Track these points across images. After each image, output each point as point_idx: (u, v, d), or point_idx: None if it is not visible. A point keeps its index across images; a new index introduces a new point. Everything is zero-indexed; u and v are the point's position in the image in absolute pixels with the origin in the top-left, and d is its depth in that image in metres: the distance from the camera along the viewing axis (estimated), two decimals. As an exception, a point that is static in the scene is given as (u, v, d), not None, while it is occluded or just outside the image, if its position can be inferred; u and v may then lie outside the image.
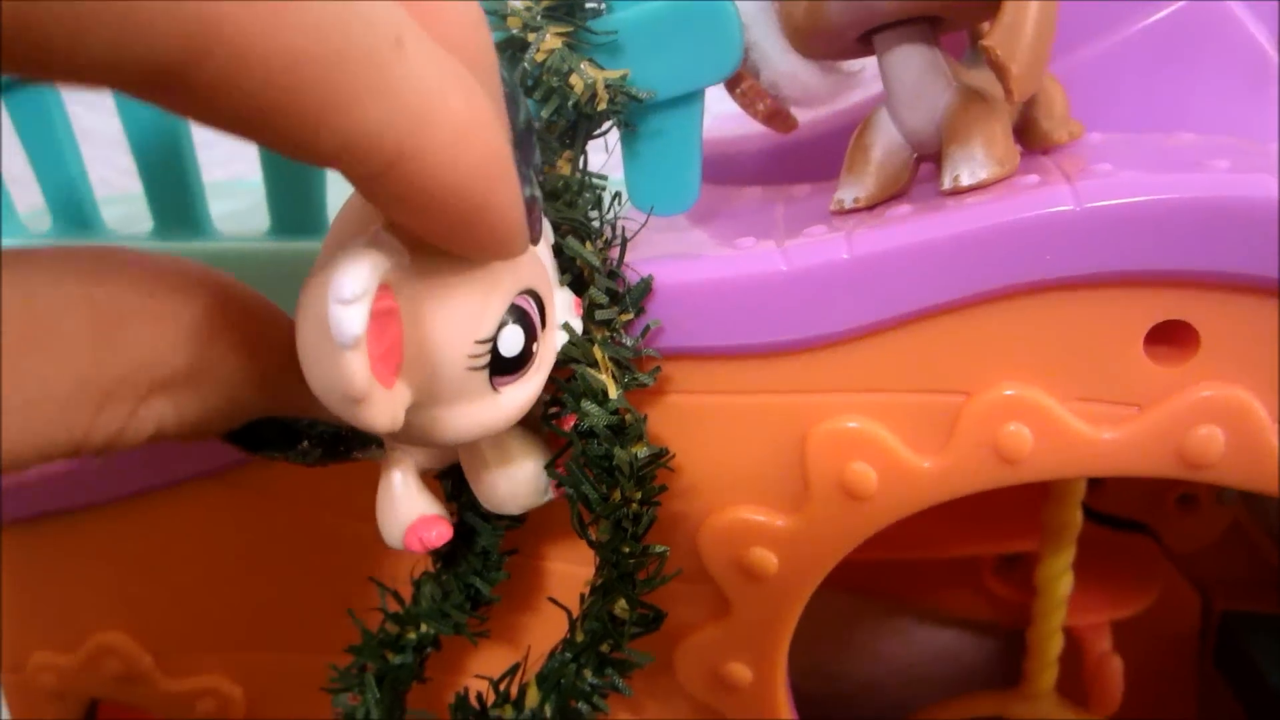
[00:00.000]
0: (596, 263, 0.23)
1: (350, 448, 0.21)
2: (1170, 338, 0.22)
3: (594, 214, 0.23)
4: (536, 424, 0.23)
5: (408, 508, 0.21)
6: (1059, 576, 0.33)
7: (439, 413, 0.19)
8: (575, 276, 0.23)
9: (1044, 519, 0.32)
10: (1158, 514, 0.38)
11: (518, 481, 0.23)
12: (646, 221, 0.24)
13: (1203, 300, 0.21)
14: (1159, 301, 0.21)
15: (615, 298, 0.23)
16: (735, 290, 0.23)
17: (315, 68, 0.13)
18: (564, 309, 0.22)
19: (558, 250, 0.23)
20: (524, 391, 0.20)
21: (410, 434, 0.19)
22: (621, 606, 0.24)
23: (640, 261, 0.23)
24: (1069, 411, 0.22)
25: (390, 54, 0.14)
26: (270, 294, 0.19)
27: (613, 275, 0.23)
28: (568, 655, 0.25)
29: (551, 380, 0.22)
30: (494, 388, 0.19)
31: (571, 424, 0.22)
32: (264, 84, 0.13)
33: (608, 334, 0.23)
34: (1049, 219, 0.21)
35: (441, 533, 0.21)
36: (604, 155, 0.25)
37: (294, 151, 0.14)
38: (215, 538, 0.30)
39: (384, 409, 0.16)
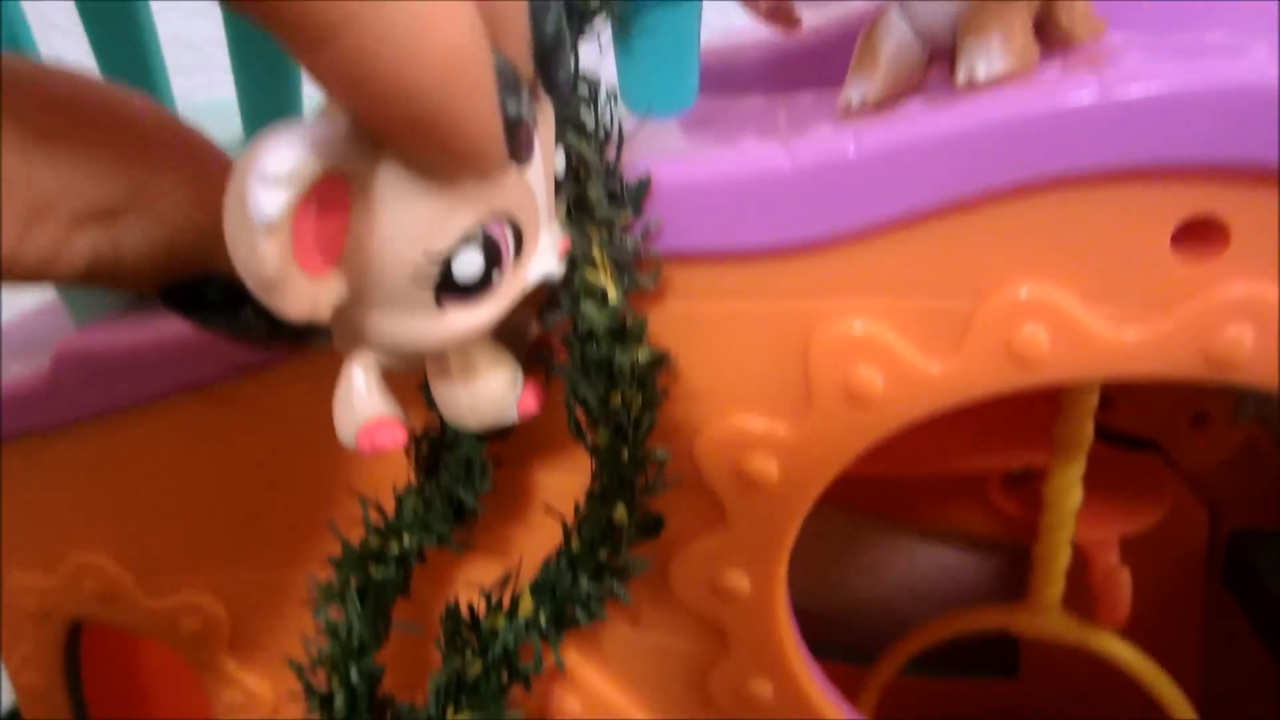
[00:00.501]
0: (594, 160, 0.21)
1: (299, 331, 0.19)
2: (1198, 234, 0.20)
3: (590, 110, 0.22)
4: (512, 338, 0.22)
5: (364, 407, 0.20)
6: (1068, 490, 0.32)
7: (375, 316, 0.18)
8: (572, 175, 0.21)
9: (1055, 432, 0.31)
10: (1169, 433, 0.38)
11: (481, 397, 0.22)
12: (646, 119, 0.22)
13: (1234, 193, 0.20)
14: (1188, 195, 0.20)
15: (614, 197, 0.22)
16: (737, 189, 0.21)
17: None
18: (547, 247, 0.20)
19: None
20: (475, 317, 0.18)
21: (345, 331, 0.18)
22: (620, 513, 0.23)
23: (637, 162, 0.22)
24: (1089, 312, 0.21)
25: None
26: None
27: (611, 174, 0.22)
28: (564, 563, 0.24)
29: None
30: (440, 306, 0.18)
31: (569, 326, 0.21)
32: None
33: (606, 234, 0.22)
34: (1072, 108, 0.19)
35: (395, 436, 0.20)
36: (597, 54, 0.24)
37: None
38: (194, 454, 0.29)
39: (302, 298, 0.15)
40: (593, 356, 0.21)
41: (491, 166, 0.16)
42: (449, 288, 0.17)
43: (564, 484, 0.26)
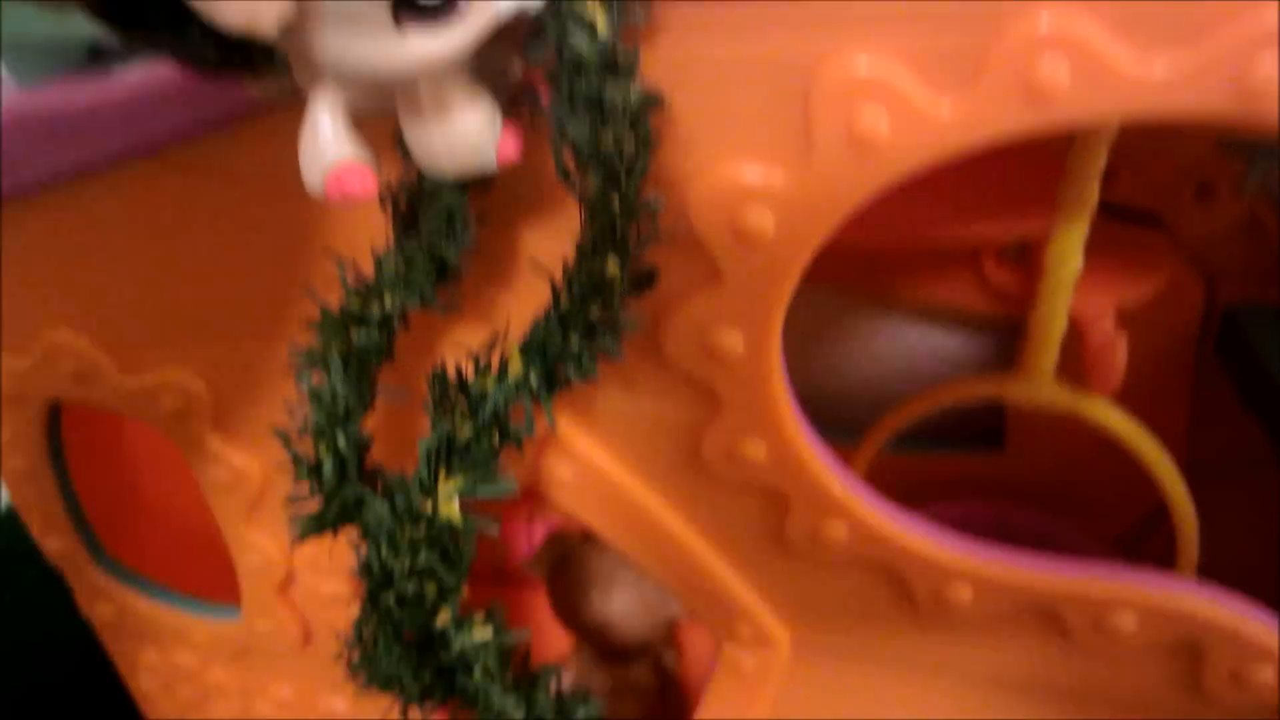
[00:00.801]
0: None
1: (251, 55, 0.18)
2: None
3: None
4: (492, 78, 0.20)
5: (331, 150, 0.19)
6: (1069, 254, 0.31)
7: (328, 36, 0.16)
8: None
9: (1059, 193, 0.30)
10: (1172, 205, 0.36)
11: (456, 138, 0.20)
12: None
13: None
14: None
15: None
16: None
17: None
18: None
19: None
20: (437, 45, 0.17)
21: (299, 59, 0.16)
22: (612, 266, 0.22)
23: None
24: (1114, 42, 0.19)
25: None
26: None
27: None
28: (553, 321, 0.23)
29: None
30: (399, 26, 0.16)
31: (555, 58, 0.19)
32: None
33: None
34: None
35: (365, 182, 0.19)
36: None
37: None
38: (159, 224, 0.27)
39: (234, 4, 0.14)
40: (581, 91, 0.19)
41: None
42: (407, 3, 0.16)
43: (551, 243, 0.25)
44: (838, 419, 0.46)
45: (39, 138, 0.26)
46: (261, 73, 0.18)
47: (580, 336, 0.23)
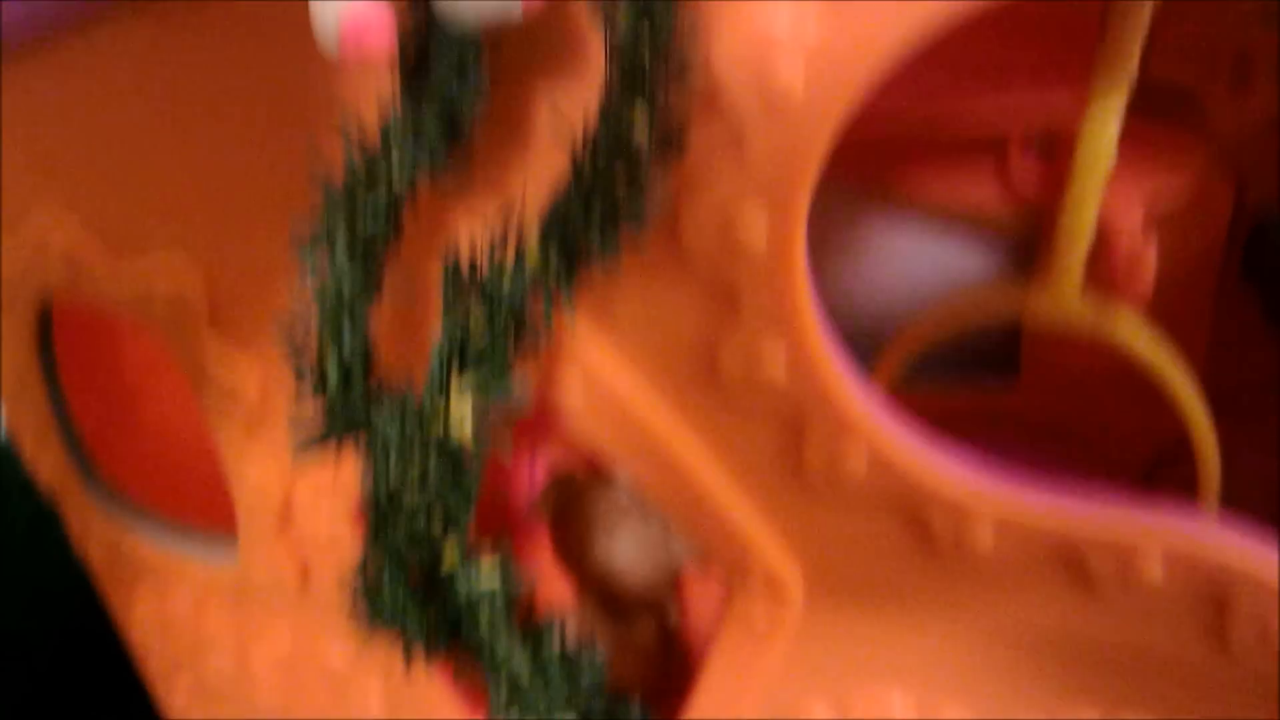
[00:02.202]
0: None
1: None
2: None
3: None
4: None
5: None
6: (1103, 136, 0.29)
7: None
8: None
9: (1097, 58, 0.28)
10: (1207, 79, 0.35)
11: None
12: None
13: None
14: None
15: None
16: None
17: None
18: None
19: None
20: None
21: None
22: (640, 119, 0.20)
23: None
24: None
25: None
26: None
27: None
28: (574, 191, 0.22)
29: None
30: None
31: None
32: None
33: None
34: None
35: (385, 33, 0.18)
36: None
37: None
38: (151, 90, 0.26)
39: None
40: None
41: None
42: None
43: (570, 103, 0.23)
44: (850, 340, 0.45)
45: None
46: None
47: (603, 204, 0.22)
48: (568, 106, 0.23)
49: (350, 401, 0.24)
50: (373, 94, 0.23)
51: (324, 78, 0.20)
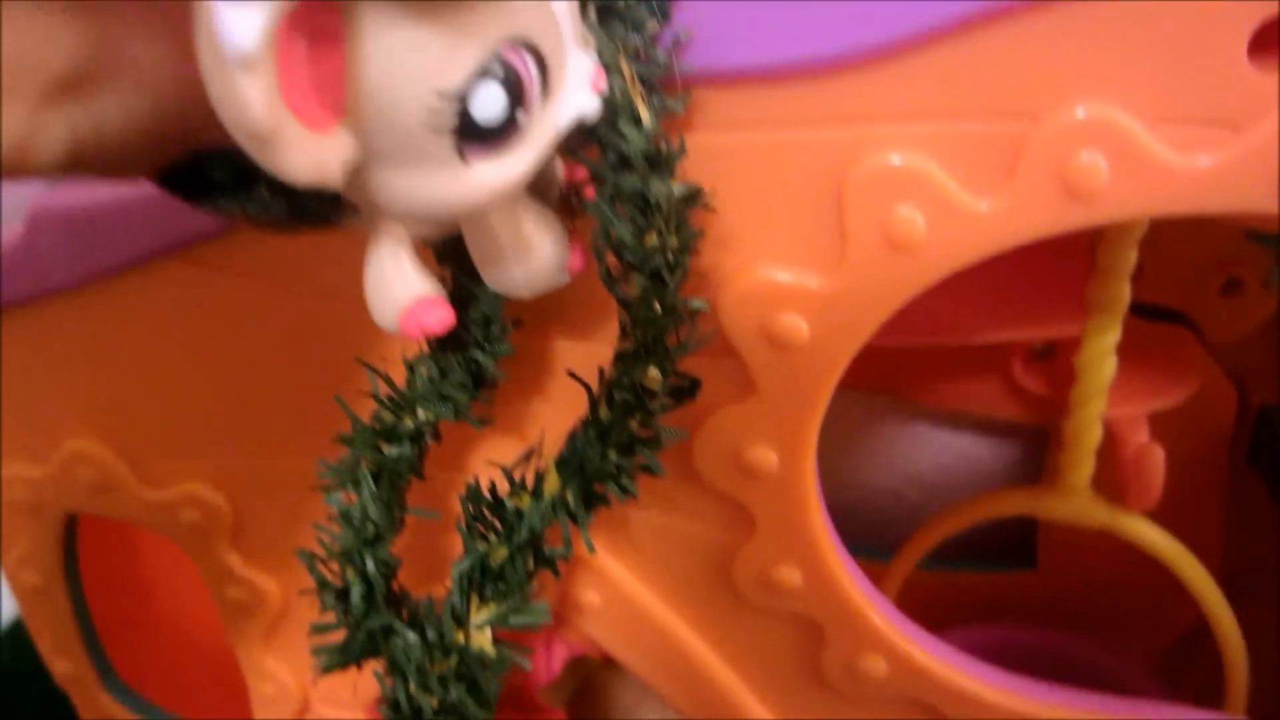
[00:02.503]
0: None
1: (322, 206, 0.17)
2: (1278, 39, 0.18)
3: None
4: (542, 186, 0.20)
5: (402, 287, 0.18)
6: (1102, 359, 0.30)
7: (392, 176, 0.15)
8: None
9: (1089, 293, 0.29)
10: (1200, 302, 0.36)
11: (534, 265, 0.20)
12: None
13: (1321, -8, 0.18)
14: (1269, -7, 0.18)
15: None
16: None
17: None
18: (579, 81, 0.18)
19: None
20: (504, 170, 0.16)
21: (363, 199, 0.16)
22: (653, 375, 0.21)
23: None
24: (1153, 136, 0.19)
25: None
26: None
27: None
28: (591, 434, 0.22)
29: None
30: (463, 158, 0.16)
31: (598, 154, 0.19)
32: None
33: (637, 44, 0.19)
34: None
35: (442, 317, 0.19)
36: None
37: None
38: (185, 326, 0.27)
39: (304, 155, 0.13)
40: (627, 187, 0.19)
41: None
42: (470, 134, 0.15)
43: (587, 350, 0.24)
44: (865, 528, 0.45)
45: (70, 237, 0.26)
46: (332, 221, 0.18)
47: (620, 452, 0.22)
48: (584, 354, 0.24)
49: (371, 620, 0.24)
50: (399, 342, 0.24)
51: (353, 319, 0.21)
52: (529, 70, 0.16)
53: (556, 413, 0.25)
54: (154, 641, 0.39)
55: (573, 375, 0.23)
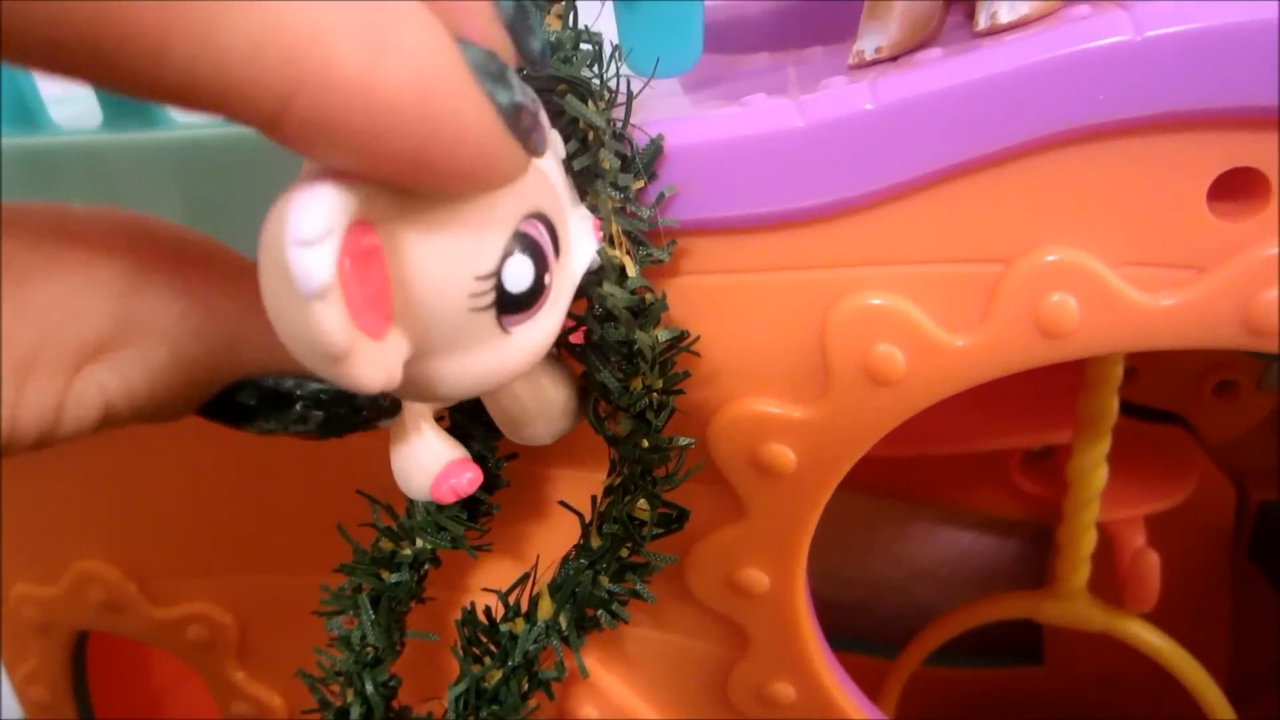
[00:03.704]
0: (601, 123, 0.20)
1: (359, 409, 0.18)
2: (1237, 189, 0.19)
3: (592, 71, 0.21)
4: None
5: (431, 457, 0.19)
6: (1093, 469, 0.31)
7: (444, 363, 0.16)
8: (580, 143, 0.20)
9: (1079, 407, 0.30)
10: (1194, 403, 0.37)
11: (555, 416, 0.21)
12: (650, 79, 0.21)
13: (1277, 143, 0.19)
14: (1227, 146, 0.19)
15: (625, 162, 0.20)
16: (746, 150, 0.20)
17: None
18: (581, 233, 0.19)
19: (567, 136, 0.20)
20: (540, 330, 0.17)
21: (416, 389, 0.16)
22: (641, 506, 0.22)
23: (642, 124, 0.21)
24: (1120, 277, 0.20)
25: None
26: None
27: (619, 137, 0.20)
28: (583, 561, 0.23)
29: None
30: (504, 329, 0.16)
31: (585, 307, 0.20)
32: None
33: (621, 203, 0.20)
34: (1103, 51, 0.18)
35: (473, 478, 0.19)
36: (596, 8, 0.22)
37: (142, 94, 0.12)
38: (194, 453, 0.28)
39: (373, 365, 0.14)
40: (613, 338, 0.20)
41: (509, 169, 0.15)
42: (508, 306, 0.16)
43: (578, 479, 0.25)
44: (870, 626, 0.45)
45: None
46: (367, 423, 0.18)
47: (611, 579, 0.23)
48: (579, 482, 0.25)
49: None
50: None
51: (359, 442, 0.21)
52: (543, 236, 0.17)
53: (554, 537, 0.25)
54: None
55: (564, 504, 0.23)
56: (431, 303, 0.15)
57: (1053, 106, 0.19)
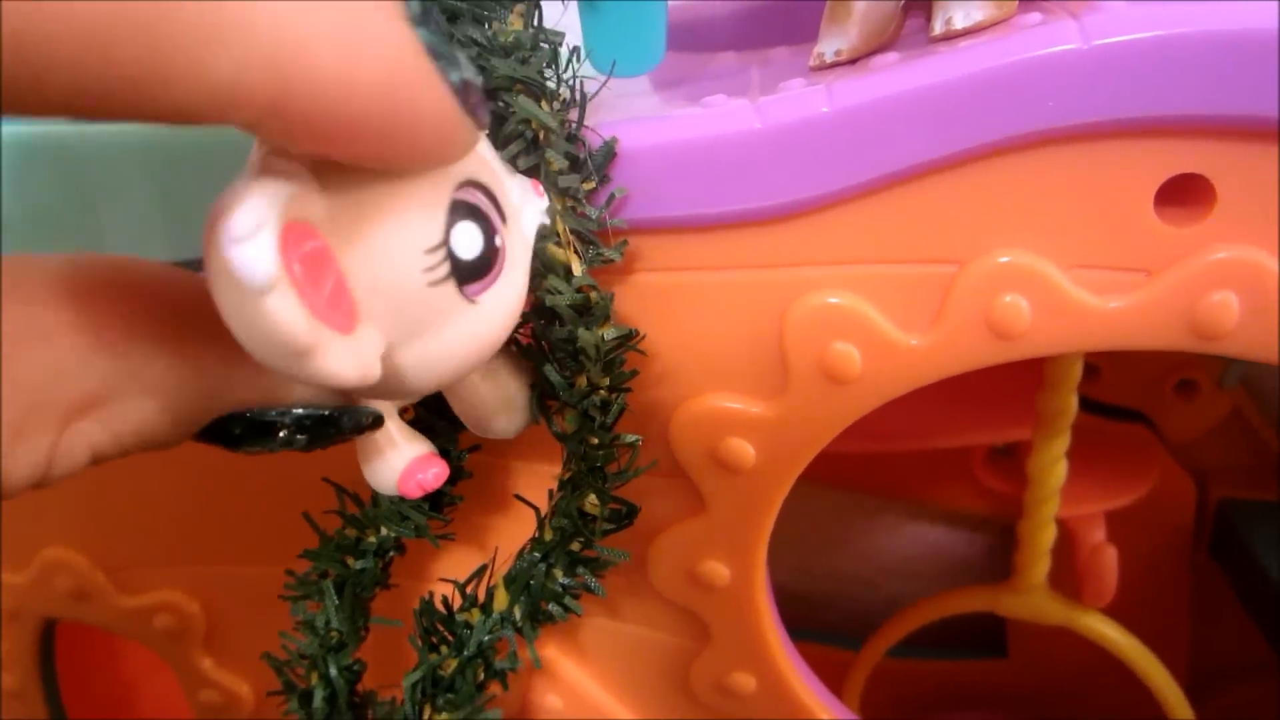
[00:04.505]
0: (554, 124, 0.20)
1: (341, 428, 0.18)
2: (1183, 195, 0.20)
3: (549, 72, 0.21)
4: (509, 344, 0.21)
5: (395, 455, 0.19)
6: (1052, 465, 0.31)
7: (421, 347, 0.16)
8: (528, 142, 0.21)
9: (1038, 405, 0.30)
10: (1155, 402, 0.37)
11: (517, 409, 0.21)
12: (607, 80, 0.21)
13: (1222, 151, 0.19)
14: (1173, 153, 0.19)
15: (576, 164, 0.21)
16: (704, 152, 0.20)
17: (128, 30, 0.11)
18: (521, 191, 0.19)
19: (502, 120, 0.20)
20: (506, 292, 0.17)
21: (399, 382, 0.17)
22: (591, 502, 0.22)
23: (601, 125, 0.21)
24: (1070, 280, 0.20)
25: None
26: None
27: (572, 139, 0.21)
28: (536, 555, 0.23)
29: None
30: (469, 298, 0.17)
31: (531, 304, 0.20)
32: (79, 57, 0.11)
33: (570, 204, 0.21)
34: (1052, 60, 0.18)
35: (439, 473, 0.20)
36: (559, 9, 0.23)
37: (141, 117, 0.12)
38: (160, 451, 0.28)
39: (345, 357, 0.14)
40: (556, 336, 0.20)
41: (464, 144, 0.15)
42: (466, 274, 0.16)
43: (541, 472, 0.25)
44: (835, 619, 0.46)
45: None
46: (347, 436, 0.19)
47: (564, 572, 0.23)
48: (540, 475, 0.25)
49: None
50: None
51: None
52: (483, 200, 0.17)
53: (516, 528, 0.26)
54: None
55: (519, 498, 0.24)
56: (391, 286, 0.15)
57: (1004, 112, 0.19)
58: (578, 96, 0.21)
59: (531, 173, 0.21)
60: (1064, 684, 0.44)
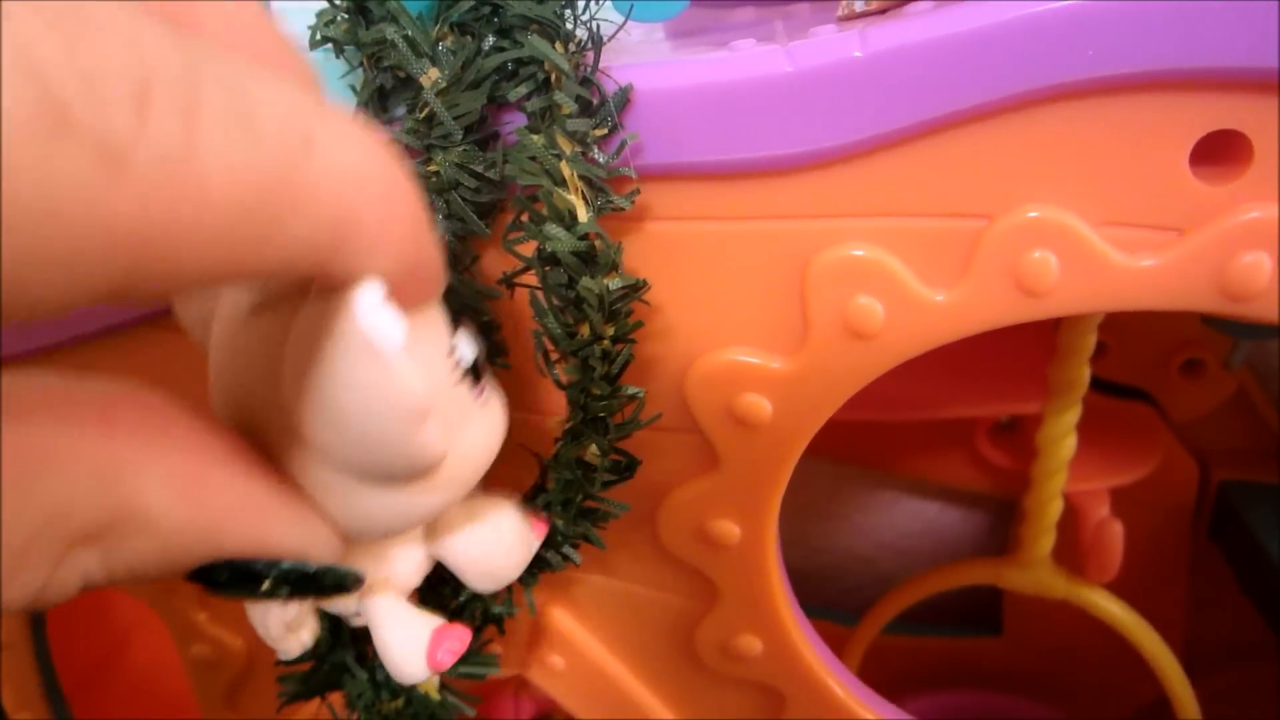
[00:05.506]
0: (566, 66, 0.20)
1: (322, 587, 0.18)
2: (1219, 151, 0.19)
3: (566, 14, 0.20)
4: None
5: (416, 640, 0.20)
6: (1062, 437, 0.31)
7: (459, 441, 0.17)
8: (539, 84, 0.20)
9: (1050, 374, 0.30)
10: (1160, 380, 0.37)
11: (509, 547, 0.22)
12: (625, 22, 0.21)
13: (1260, 106, 0.19)
14: (1212, 108, 0.19)
15: (587, 108, 0.20)
16: (732, 95, 0.20)
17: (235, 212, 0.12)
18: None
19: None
20: (496, 396, 0.19)
21: (445, 483, 0.18)
22: (593, 452, 0.22)
23: (618, 68, 0.21)
24: (1100, 237, 0.20)
25: (302, 160, 0.13)
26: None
27: (586, 83, 0.20)
28: (537, 503, 0.23)
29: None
30: (476, 398, 0.18)
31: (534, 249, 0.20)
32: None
33: (578, 149, 0.20)
34: (1095, 7, 0.18)
35: (463, 635, 0.20)
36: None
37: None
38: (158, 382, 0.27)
39: (439, 430, 0.16)
40: (556, 282, 0.20)
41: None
42: (473, 375, 0.18)
43: (544, 425, 0.25)
44: (833, 595, 0.46)
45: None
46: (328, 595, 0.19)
47: (565, 522, 0.23)
48: (542, 430, 0.25)
49: (334, 654, 0.25)
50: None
51: None
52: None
53: (515, 479, 0.25)
54: (122, 696, 0.39)
55: (524, 447, 0.23)
56: (435, 381, 0.17)
57: (1041, 61, 0.19)
58: (593, 40, 0.20)
59: (541, 115, 0.20)
60: (1058, 661, 0.44)
